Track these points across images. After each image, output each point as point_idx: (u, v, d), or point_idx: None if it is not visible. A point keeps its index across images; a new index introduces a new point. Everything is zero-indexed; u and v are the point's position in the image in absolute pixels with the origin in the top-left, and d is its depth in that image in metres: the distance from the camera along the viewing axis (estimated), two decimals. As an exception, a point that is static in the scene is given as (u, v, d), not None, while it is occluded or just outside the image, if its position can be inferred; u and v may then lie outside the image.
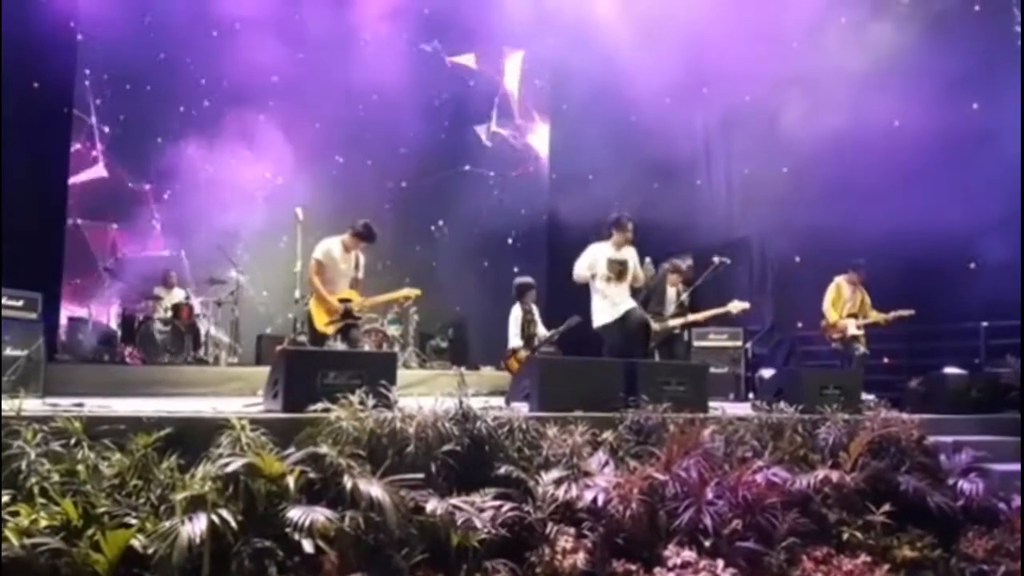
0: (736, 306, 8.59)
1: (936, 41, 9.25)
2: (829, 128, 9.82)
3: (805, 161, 10.36)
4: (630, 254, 7.24)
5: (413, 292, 7.67)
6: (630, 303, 7.13)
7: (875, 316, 8.57)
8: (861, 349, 8.53)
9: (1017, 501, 5.42)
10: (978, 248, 8.67)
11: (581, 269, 7.18)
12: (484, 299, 11.39)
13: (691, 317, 8.51)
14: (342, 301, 6.94)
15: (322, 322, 6.95)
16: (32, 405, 4.39)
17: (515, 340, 7.17)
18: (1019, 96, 8.32)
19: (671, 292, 8.59)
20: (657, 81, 11.26)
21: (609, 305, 7.09)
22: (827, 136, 9.80)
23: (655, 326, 8.15)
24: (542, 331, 7.67)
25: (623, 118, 12.39)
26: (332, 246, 7.07)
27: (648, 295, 8.50)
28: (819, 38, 10.16)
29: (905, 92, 9.29)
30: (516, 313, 7.37)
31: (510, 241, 14.10)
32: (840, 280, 8.77)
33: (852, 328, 8.54)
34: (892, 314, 8.47)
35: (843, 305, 8.69)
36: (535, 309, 7.48)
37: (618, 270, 7.06)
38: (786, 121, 10.22)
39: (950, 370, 8.19)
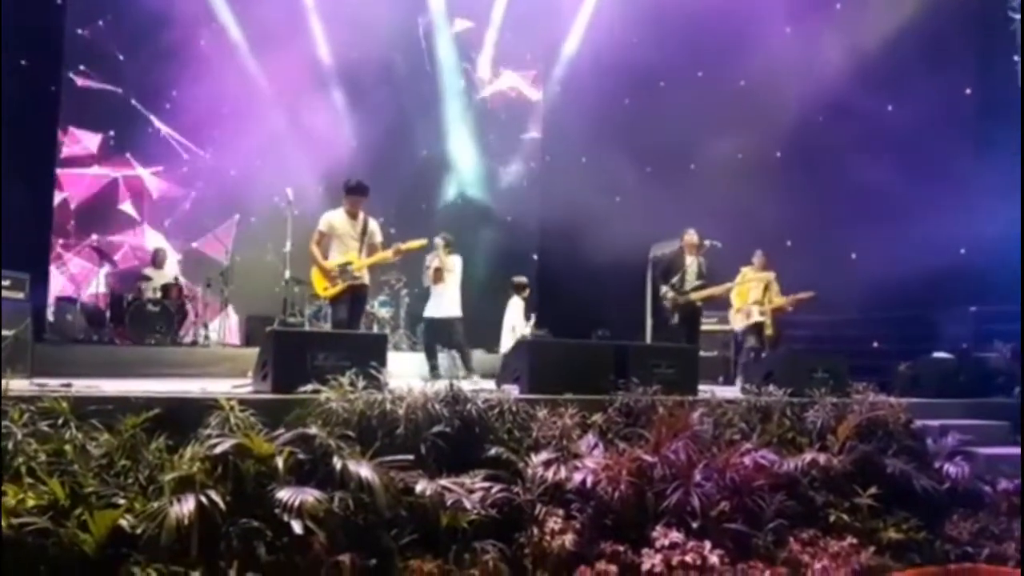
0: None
1: (930, 24, 9.22)
2: (821, 113, 9.80)
3: (797, 146, 10.35)
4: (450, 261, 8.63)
5: (417, 243, 7.29)
6: None
7: (779, 301, 8.62)
8: (751, 342, 8.68)
9: (1002, 484, 5.47)
10: (968, 233, 8.67)
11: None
12: (475, 282, 11.35)
13: (712, 290, 8.28)
14: (341, 266, 6.86)
15: (321, 288, 6.94)
16: (19, 385, 4.37)
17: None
18: (1019, 88, 8.31)
19: (691, 262, 8.26)
20: (651, 64, 11.22)
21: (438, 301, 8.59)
22: (820, 121, 9.76)
23: (674, 297, 8.14)
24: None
25: (617, 101, 12.33)
26: (333, 216, 7.03)
27: (667, 266, 8.43)
28: (813, 22, 10.13)
29: (899, 77, 9.28)
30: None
31: (505, 222, 14.00)
32: (745, 269, 8.88)
33: (756, 315, 8.58)
34: (793, 297, 8.51)
35: (748, 291, 8.77)
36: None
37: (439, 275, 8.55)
38: (780, 106, 10.20)
39: (938, 354, 8.23)
